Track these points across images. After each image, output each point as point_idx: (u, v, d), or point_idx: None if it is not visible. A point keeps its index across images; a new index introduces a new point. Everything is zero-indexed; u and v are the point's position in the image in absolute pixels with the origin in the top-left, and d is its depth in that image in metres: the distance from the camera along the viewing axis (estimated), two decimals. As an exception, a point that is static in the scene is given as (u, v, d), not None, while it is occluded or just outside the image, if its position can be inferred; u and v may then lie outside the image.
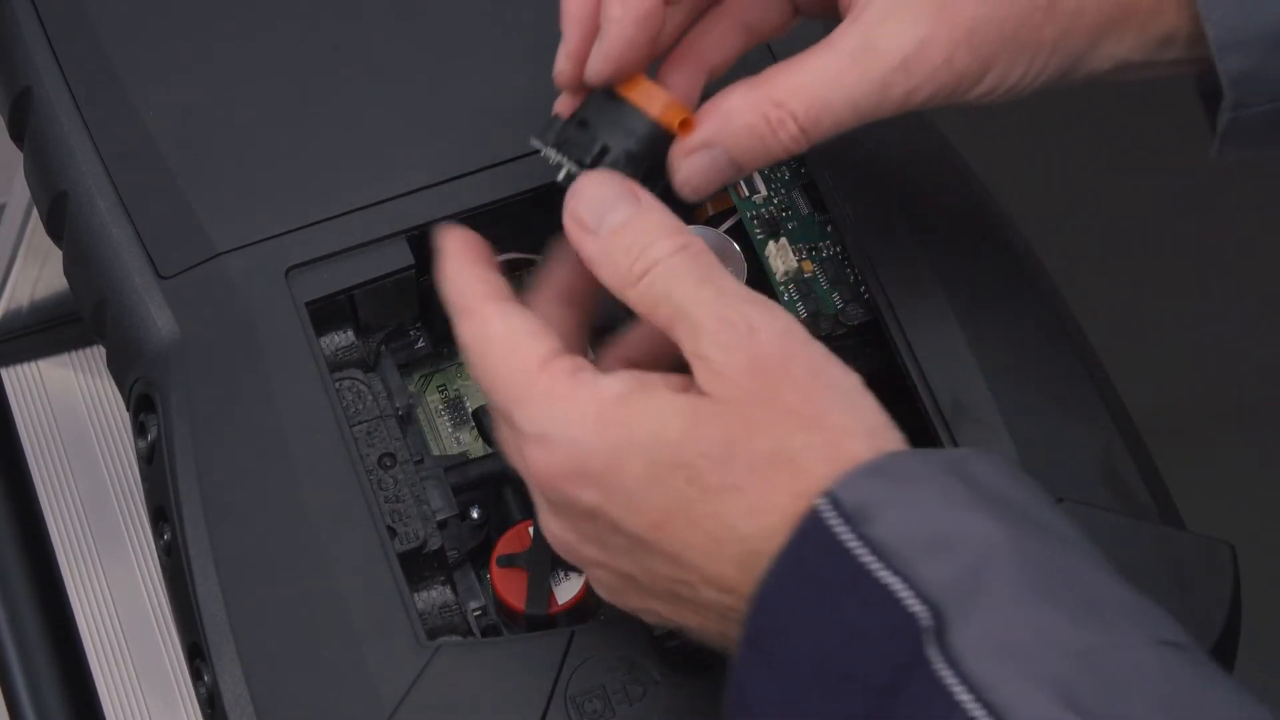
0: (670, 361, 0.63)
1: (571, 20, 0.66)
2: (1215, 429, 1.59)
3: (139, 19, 0.77)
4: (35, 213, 0.94)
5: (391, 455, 0.70)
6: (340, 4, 0.78)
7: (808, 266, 0.74)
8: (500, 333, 0.63)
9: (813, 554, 0.57)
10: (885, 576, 0.56)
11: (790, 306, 0.73)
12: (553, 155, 0.66)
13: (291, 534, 0.68)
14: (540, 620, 0.70)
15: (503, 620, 0.71)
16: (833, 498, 0.57)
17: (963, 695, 0.53)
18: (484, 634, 0.71)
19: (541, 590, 0.70)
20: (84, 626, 0.97)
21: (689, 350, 0.60)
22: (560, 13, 0.67)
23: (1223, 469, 1.55)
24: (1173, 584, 0.67)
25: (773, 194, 0.76)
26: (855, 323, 0.73)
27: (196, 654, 0.67)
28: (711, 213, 0.77)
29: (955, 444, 0.69)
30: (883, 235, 0.73)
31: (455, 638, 0.69)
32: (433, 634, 0.69)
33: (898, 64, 0.64)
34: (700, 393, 0.60)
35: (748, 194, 0.76)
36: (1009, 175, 1.02)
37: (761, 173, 0.76)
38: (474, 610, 0.71)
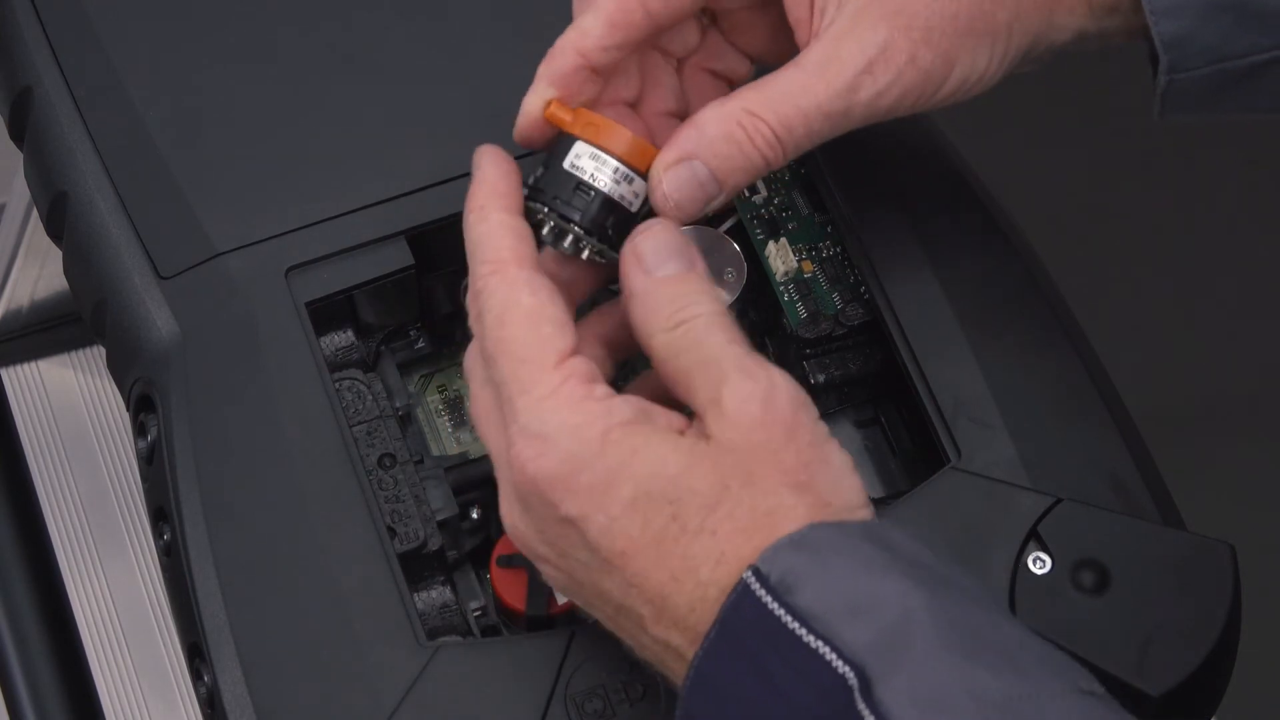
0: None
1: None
2: (1215, 429, 1.59)
3: (139, 19, 0.77)
4: (35, 213, 0.93)
5: (391, 455, 0.70)
6: (340, 4, 0.78)
7: (808, 266, 0.74)
8: (528, 307, 0.63)
9: (743, 624, 0.58)
10: (812, 641, 0.57)
11: (790, 306, 0.73)
12: (542, 211, 0.66)
13: (291, 534, 0.68)
14: (540, 620, 0.70)
15: (503, 620, 0.71)
16: (756, 570, 0.58)
17: None
18: (484, 634, 0.71)
19: (541, 590, 0.70)
20: (84, 626, 0.97)
21: (705, 397, 0.62)
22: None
23: (1223, 469, 1.55)
24: (1173, 584, 0.67)
25: (773, 194, 0.76)
26: (855, 323, 0.73)
27: (196, 654, 0.67)
28: (711, 213, 0.76)
29: (955, 444, 0.69)
30: (883, 235, 0.73)
31: (455, 638, 0.69)
32: (433, 634, 0.69)
33: (862, 68, 0.66)
34: (701, 436, 0.61)
35: (748, 194, 0.76)
36: (1009, 175, 1.02)
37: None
38: (474, 610, 0.71)
